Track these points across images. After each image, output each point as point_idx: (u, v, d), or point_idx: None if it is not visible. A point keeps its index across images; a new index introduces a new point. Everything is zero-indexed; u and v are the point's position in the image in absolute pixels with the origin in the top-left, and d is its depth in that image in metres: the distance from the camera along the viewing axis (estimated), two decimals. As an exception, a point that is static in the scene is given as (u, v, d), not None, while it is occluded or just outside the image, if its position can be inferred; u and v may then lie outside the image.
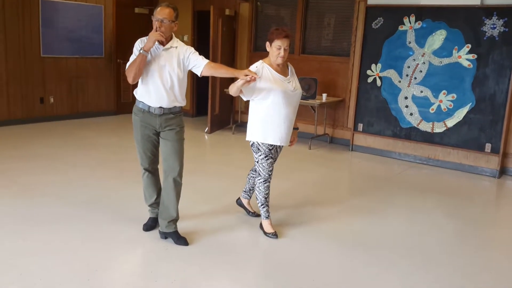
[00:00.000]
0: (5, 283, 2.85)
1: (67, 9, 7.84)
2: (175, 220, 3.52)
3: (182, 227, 3.63)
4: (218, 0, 8.13)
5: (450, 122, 6.17)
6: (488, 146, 5.95)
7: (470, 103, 6.01)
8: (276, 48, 3.40)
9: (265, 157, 3.57)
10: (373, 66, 6.67)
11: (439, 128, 6.26)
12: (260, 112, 3.52)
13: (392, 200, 4.90)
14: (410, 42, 6.34)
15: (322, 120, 7.39)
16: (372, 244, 3.73)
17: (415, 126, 6.43)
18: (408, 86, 6.42)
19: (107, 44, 8.50)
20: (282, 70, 3.54)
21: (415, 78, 6.35)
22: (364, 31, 6.69)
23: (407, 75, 6.41)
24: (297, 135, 3.82)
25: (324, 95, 7.04)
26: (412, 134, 6.48)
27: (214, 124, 7.90)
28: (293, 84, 3.56)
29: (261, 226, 3.78)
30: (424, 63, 6.26)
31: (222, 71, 3.45)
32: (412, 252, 3.61)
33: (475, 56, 5.91)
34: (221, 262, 3.25)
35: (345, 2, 7.21)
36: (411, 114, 6.44)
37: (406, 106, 6.47)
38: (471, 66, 5.95)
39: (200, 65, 3.34)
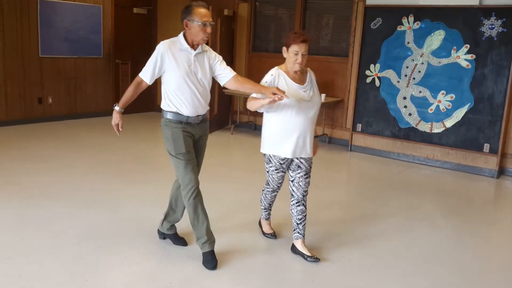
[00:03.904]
0: (4, 283, 2.85)
1: (66, 9, 7.83)
2: (176, 223, 3.52)
3: (181, 227, 3.62)
4: (216, 0, 8.12)
5: (449, 123, 6.17)
6: (486, 147, 5.96)
7: (469, 104, 6.01)
8: (293, 54, 3.15)
9: (275, 170, 3.35)
10: (371, 66, 6.66)
11: (437, 128, 6.27)
12: (272, 123, 3.28)
13: (390, 200, 4.90)
14: (408, 43, 6.34)
15: (320, 120, 7.39)
16: (369, 244, 3.73)
17: (414, 126, 6.44)
18: (407, 86, 6.42)
19: (106, 44, 8.49)
20: (300, 77, 3.27)
21: (414, 78, 6.35)
22: (363, 32, 6.69)
23: (405, 76, 6.41)
24: (316, 143, 3.54)
25: (323, 95, 7.02)
26: (411, 135, 6.48)
27: (212, 125, 7.88)
28: (309, 92, 3.26)
29: (260, 225, 3.78)
30: (422, 63, 6.27)
31: (248, 87, 3.17)
32: (411, 253, 3.61)
33: (474, 56, 5.92)
34: (219, 262, 3.24)
35: (343, 3, 7.20)
36: (409, 114, 6.44)
37: (405, 107, 6.47)
38: (470, 66, 5.95)
39: (226, 75, 3.19)
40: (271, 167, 3.36)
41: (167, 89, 3.11)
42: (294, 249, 3.45)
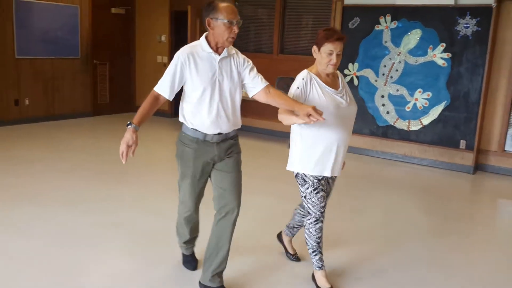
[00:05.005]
0: (-19, 288, 2.81)
1: (42, 10, 7.72)
2: (222, 271, 2.85)
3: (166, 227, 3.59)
4: (195, 0, 8.10)
5: (426, 120, 6.28)
6: (463, 143, 6.07)
7: (445, 101, 6.12)
8: (327, 54, 2.75)
9: (314, 190, 2.84)
10: (350, 65, 6.73)
11: (415, 126, 6.37)
12: (305, 136, 2.81)
13: (369, 198, 4.96)
14: (386, 42, 6.43)
15: (300, 120, 7.43)
16: (349, 240, 3.77)
17: (392, 124, 6.53)
18: (385, 85, 6.51)
19: (83, 45, 8.40)
20: (332, 81, 2.88)
21: (391, 77, 6.44)
22: (341, 31, 6.74)
23: (383, 74, 6.50)
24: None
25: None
26: (389, 132, 6.57)
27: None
28: (346, 97, 2.86)
29: (313, 279, 3.03)
30: (400, 62, 6.36)
31: (280, 102, 2.69)
32: (389, 248, 3.66)
33: (450, 55, 6.03)
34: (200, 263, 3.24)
35: (322, 2, 7.26)
36: (387, 112, 6.53)
37: (383, 105, 6.55)
38: (446, 64, 6.06)
39: (257, 86, 2.71)
40: (307, 188, 2.85)
41: (185, 100, 2.67)
42: (280, 237, 3.42)
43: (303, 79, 2.79)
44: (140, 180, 5.05)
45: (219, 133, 2.66)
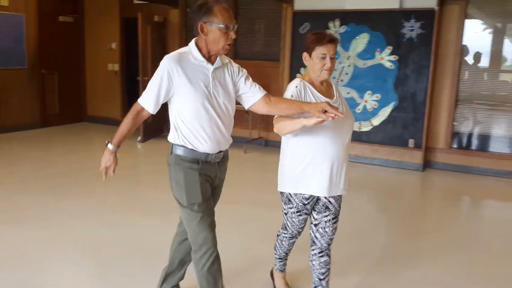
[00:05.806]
0: None
1: (-15, 19, 7.45)
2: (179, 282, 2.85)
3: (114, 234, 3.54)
4: (146, 7, 8.04)
5: (376, 121, 6.47)
6: (411, 142, 6.30)
7: (394, 102, 6.33)
8: (320, 58, 2.52)
9: (297, 211, 2.65)
10: (302, 69, 6.85)
11: (365, 127, 6.55)
12: (297, 152, 2.57)
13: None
14: (335, 46, 6.58)
15: (256, 124, 7.50)
16: (307, 241, 3.83)
17: (344, 126, 6.67)
18: (336, 88, 6.66)
19: (30, 54, 8.14)
20: (327, 90, 2.64)
21: (342, 80, 6.61)
22: (292, 36, 6.88)
23: (334, 78, 6.65)
24: None
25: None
26: (342, 134, 6.71)
27: (147, 133, 7.78)
28: (341, 108, 2.60)
29: (271, 276, 3.10)
30: (349, 65, 6.53)
31: (284, 107, 2.43)
32: (347, 247, 3.75)
33: (396, 57, 6.25)
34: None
35: (273, 8, 7.37)
36: (340, 114, 6.68)
37: (335, 107, 6.69)
38: (393, 67, 6.28)
39: (255, 95, 2.46)
40: (290, 208, 2.65)
41: (177, 118, 2.35)
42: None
43: (296, 86, 2.55)
44: (94, 192, 4.95)
45: (220, 151, 2.40)
